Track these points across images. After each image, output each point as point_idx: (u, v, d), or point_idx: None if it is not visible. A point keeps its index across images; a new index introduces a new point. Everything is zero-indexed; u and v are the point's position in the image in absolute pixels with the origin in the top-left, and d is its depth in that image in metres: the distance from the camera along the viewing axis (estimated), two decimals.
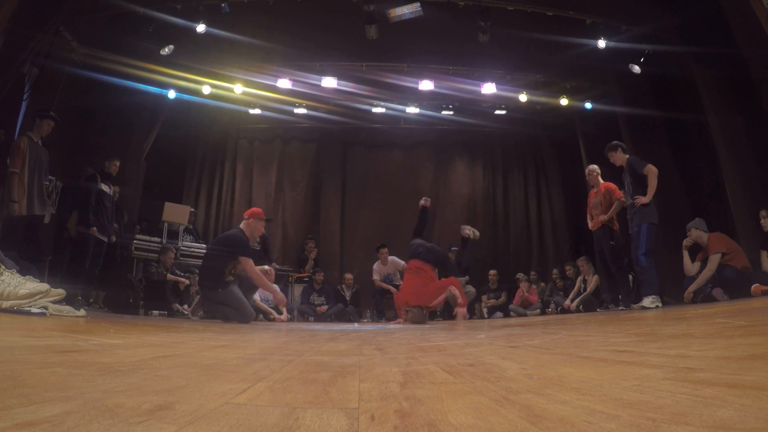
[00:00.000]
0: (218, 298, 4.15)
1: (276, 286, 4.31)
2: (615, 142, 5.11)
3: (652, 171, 4.56)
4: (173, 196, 7.56)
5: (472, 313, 7.60)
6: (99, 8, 6.16)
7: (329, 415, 0.54)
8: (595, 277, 6.60)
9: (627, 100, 7.19)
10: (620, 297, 5.22)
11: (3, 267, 2.47)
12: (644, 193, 4.57)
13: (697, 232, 4.83)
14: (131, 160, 7.22)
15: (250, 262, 4.17)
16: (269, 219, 4.71)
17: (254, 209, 4.63)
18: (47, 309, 2.43)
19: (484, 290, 7.75)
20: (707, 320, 1.98)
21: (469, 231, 5.66)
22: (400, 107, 8.71)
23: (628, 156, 4.88)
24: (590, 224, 5.47)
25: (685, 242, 4.93)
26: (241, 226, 4.45)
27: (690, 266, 4.89)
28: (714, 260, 4.51)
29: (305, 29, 6.82)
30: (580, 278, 6.83)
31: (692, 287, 4.60)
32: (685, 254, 4.95)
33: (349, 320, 6.93)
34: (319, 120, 8.99)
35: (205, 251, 5.74)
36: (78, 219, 5.10)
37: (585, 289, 6.71)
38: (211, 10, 6.32)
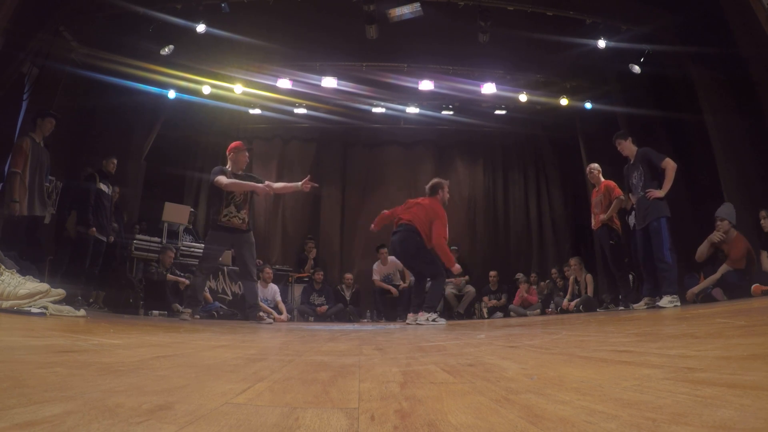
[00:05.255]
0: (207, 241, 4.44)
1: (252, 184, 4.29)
2: (623, 130, 4.88)
3: (670, 165, 4.33)
4: (173, 196, 7.55)
5: (472, 313, 7.61)
6: (99, 8, 6.16)
7: (329, 415, 0.54)
8: (588, 276, 6.61)
9: (627, 100, 7.18)
10: (620, 297, 5.22)
11: (3, 267, 2.47)
12: (657, 187, 4.35)
13: (728, 227, 4.61)
14: (131, 160, 7.22)
15: (222, 178, 4.25)
16: (250, 148, 4.70)
17: (232, 144, 4.63)
18: (47, 309, 2.43)
19: (485, 291, 7.76)
20: (707, 320, 1.98)
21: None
22: (400, 107, 8.70)
23: (638, 147, 4.64)
24: (593, 224, 5.47)
25: (715, 237, 4.68)
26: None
27: (704, 253, 4.74)
28: (725, 269, 4.44)
29: (305, 29, 6.81)
30: (572, 278, 6.83)
31: (695, 289, 4.57)
32: (706, 244, 4.74)
33: (349, 320, 6.93)
34: (319, 120, 8.98)
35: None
36: (77, 219, 5.10)
37: (579, 289, 6.73)
38: (211, 10, 6.31)
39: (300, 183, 4.42)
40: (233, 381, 0.77)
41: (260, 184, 4.34)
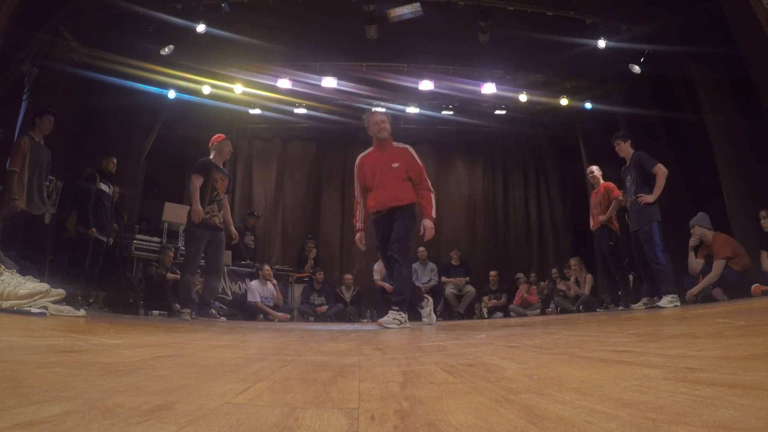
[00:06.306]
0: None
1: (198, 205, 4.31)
2: (624, 131, 4.94)
3: (661, 171, 4.39)
4: (173, 196, 7.55)
5: (472, 313, 7.61)
6: (99, 8, 6.16)
7: (329, 415, 0.54)
8: (589, 276, 6.62)
9: (627, 100, 7.18)
10: (620, 297, 5.22)
11: (3, 267, 2.47)
12: (649, 192, 4.41)
13: (701, 230, 4.74)
14: (131, 160, 7.21)
15: (195, 179, 4.42)
16: (229, 136, 4.84)
17: (215, 136, 4.75)
18: (47, 309, 2.43)
19: (485, 291, 7.76)
20: (707, 320, 1.98)
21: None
22: (400, 107, 8.69)
23: (634, 151, 4.68)
24: (592, 224, 5.48)
25: (691, 242, 4.83)
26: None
27: (694, 264, 4.82)
28: (719, 266, 4.46)
29: (305, 29, 6.82)
30: (572, 279, 6.84)
31: (695, 290, 4.58)
32: (691, 253, 4.86)
33: (349, 320, 6.93)
34: (319, 120, 8.98)
35: None
36: (77, 219, 5.10)
37: (579, 290, 6.74)
38: (211, 10, 6.31)
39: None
40: (233, 381, 0.77)
41: (194, 206, 4.32)
